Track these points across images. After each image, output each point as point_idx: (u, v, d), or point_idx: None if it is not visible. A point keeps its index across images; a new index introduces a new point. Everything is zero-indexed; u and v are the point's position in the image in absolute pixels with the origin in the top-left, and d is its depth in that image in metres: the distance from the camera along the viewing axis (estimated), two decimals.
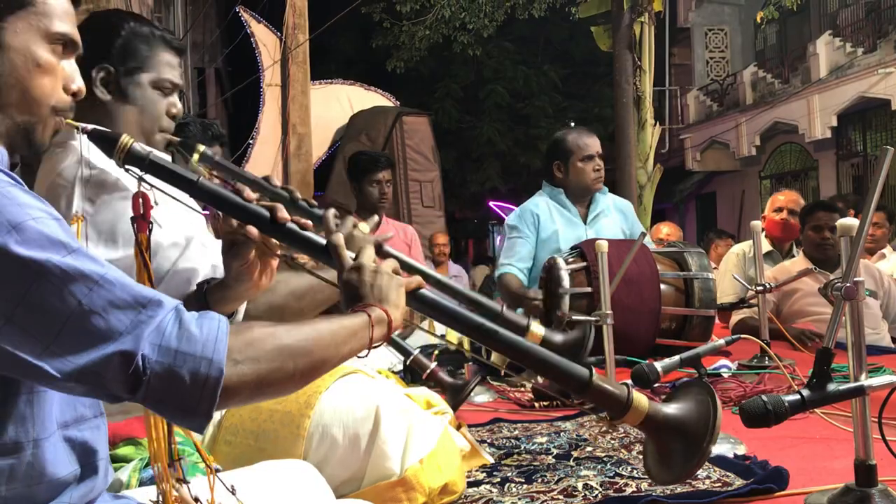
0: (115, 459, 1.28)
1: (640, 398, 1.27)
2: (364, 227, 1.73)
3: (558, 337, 1.77)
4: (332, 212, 1.53)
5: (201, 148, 1.65)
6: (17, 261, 0.84)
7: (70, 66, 1.06)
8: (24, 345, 0.85)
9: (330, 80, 10.60)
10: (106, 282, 0.88)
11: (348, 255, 1.21)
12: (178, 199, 1.22)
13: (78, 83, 1.07)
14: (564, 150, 3.58)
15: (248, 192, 1.19)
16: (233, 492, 1.09)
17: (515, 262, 3.51)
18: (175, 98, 1.71)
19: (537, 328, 1.73)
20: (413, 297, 1.23)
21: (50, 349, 0.85)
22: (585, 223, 3.55)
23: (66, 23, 1.04)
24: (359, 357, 1.11)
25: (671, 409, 1.28)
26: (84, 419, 1.01)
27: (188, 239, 1.53)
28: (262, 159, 9.14)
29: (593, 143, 3.55)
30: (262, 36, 9.50)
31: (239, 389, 0.92)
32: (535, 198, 3.67)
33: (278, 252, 1.22)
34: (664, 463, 1.28)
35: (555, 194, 3.60)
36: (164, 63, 1.67)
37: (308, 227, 1.23)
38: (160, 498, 1.05)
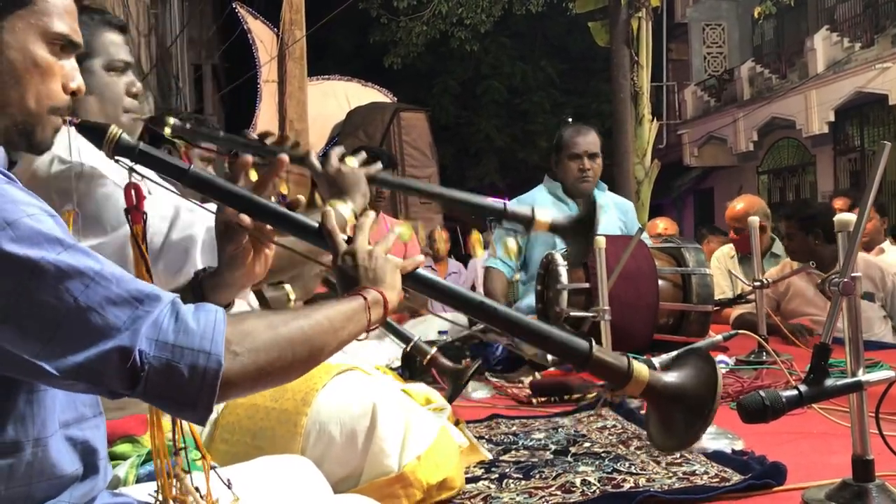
0: (113, 457, 1.28)
1: (641, 368, 1.28)
2: (352, 160, 1.72)
3: (563, 218, 1.72)
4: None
5: (171, 120, 1.63)
6: (11, 259, 0.84)
7: (69, 65, 1.06)
8: (21, 343, 0.84)
9: (327, 77, 10.58)
10: (102, 278, 0.87)
11: (342, 239, 1.21)
12: (170, 189, 1.22)
13: (77, 82, 1.06)
14: (559, 145, 3.62)
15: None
16: (229, 485, 1.09)
17: (503, 256, 3.56)
18: (132, 76, 1.67)
19: (542, 216, 1.70)
20: (410, 277, 1.24)
21: (48, 347, 0.85)
22: None
23: (65, 22, 1.04)
24: (358, 340, 1.11)
25: (671, 377, 1.29)
26: (85, 418, 1.01)
27: (177, 208, 1.49)
28: None
29: (583, 142, 3.53)
30: (259, 32, 9.48)
31: (239, 381, 0.92)
32: (534, 191, 3.70)
33: (274, 239, 1.22)
34: (667, 431, 1.29)
35: (553, 188, 3.64)
36: (109, 43, 1.64)
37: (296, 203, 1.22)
38: (159, 493, 1.05)
